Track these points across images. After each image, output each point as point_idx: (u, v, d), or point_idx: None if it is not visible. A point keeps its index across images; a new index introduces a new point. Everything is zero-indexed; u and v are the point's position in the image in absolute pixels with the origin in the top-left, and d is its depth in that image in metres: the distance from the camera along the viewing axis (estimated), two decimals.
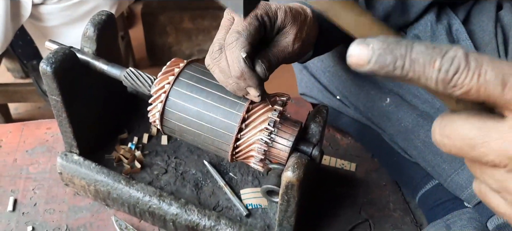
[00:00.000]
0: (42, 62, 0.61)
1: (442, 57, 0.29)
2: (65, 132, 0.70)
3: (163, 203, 0.69)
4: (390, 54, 0.30)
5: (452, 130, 0.32)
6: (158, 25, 1.93)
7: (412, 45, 0.30)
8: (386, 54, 0.30)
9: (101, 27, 0.67)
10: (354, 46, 0.31)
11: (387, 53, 0.30)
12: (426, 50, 0.30)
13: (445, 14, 0.75)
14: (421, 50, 0.30)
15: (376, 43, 0.31)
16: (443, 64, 0.29)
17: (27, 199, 0.76)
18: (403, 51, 0.30)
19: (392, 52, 0.30)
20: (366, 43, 0.31)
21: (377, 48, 0.30)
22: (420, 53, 0.30)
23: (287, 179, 0.57)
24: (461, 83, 0.29)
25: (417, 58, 0.30)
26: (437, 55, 0.29)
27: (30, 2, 1.23)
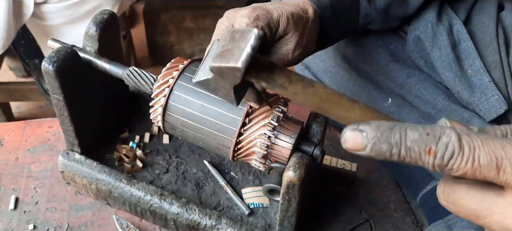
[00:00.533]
0: (44, 61, 0.61)
1: (436, 144, 0.30)
2: (67, 130, 0.70)
3: (164, 202, 0.69)
4: (385, 142, 0.31)
5: (455, 199, 0.33)
6: (160, 24, 1.94)
7: (406, 132, 0.31)
8: (381, 143, 0.31)
9: (103, 26, 0.67)
10: (348, 132, 0.32)
11: (382, 142, 0.31)
12: (420, 137, 0.31)
13: (446, 15, 0.74)
14: (415, 137, 0.31)
15: (369, 131, 0.31)
16: (438, 151, 0.30)
17: (29, 198, 0.76)
18: (398, 139, 0.31)
19: (387, 140, 0.31)
20: (359, 130, 0.31)
21: (371, 137, 0.31)
22: (414, 141, 0.31)
23: (289, 178, 0.57)
24: (456, 168, 0.31)
25: (412, 146, 0.31)
26: (431, 142, 0.30)
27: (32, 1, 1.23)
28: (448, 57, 0.70)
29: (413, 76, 0.75)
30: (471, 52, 0.70)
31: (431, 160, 0.31)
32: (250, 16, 0.54)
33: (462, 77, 0.69)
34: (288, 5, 0.59)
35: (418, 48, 0.76)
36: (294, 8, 0.58)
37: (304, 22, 0.58)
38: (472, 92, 0.68)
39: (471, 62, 0.69)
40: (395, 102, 0.76)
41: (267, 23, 0.54)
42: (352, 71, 0.81)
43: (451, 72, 0.70)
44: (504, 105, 0.64)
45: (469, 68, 0.69)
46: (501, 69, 0.68)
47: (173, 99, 0.60)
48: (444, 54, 0.71)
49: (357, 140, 0.31)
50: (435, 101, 0.71)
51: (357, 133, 0.31)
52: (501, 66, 0.68)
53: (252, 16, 0.54)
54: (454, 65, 0.70)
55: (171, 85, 0.60)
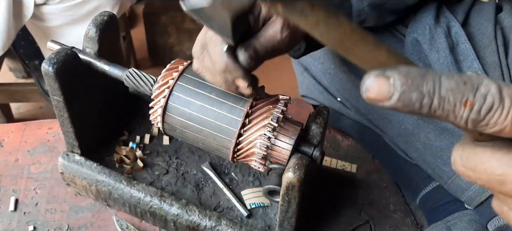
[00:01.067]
0: (44, 63, 0.61)
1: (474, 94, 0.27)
2: (67, 132, 0.70)
3: (164, 204, 0.69)
4: (416, 90, 0.27)
5: (477, 163, 0.30)
6: (160, 25, 1.94)
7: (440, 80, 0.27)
8: (411, 91, 0.27)
9: (103, 28, 0.67)
10: (372, 79, 0.27)
11: (412, 90, 0.27)
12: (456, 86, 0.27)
13: (444, 17, 0.74)
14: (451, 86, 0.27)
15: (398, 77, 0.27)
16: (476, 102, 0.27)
17: (29, 199, 0.76)
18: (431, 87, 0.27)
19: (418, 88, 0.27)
20: (385, 76, 0.27)
21: (399, 84, 0.27)
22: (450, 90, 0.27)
23: (288, 180, 0.57)
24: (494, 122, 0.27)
25: (447, 96, 0.27)
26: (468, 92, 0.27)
27: (32, 2, 1.23)
28: (446, 59, 0.70)
29: None
30: (469, 54, 0.70)
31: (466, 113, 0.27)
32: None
33: None
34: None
35: (416, 51, 0.76)
36: None
37: None
38: None
39: (469, 64, 0.69)
40: None
41: None
42: (351, 73, 0.81)
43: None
44: None
45: (467, 71, 0.69)
46: (500, 71, 0.68)
47: (173, 101, 0.60)
48: (442, 56, 0.71)
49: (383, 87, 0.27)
50: None
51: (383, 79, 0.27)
52: (500, 67, 0.68)
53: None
54: (452, 68, 0.70)
55: (170, 87, 0.60)
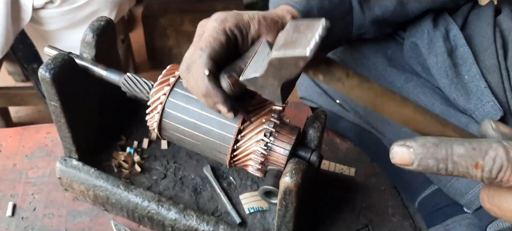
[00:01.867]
0: (41, 68, 0.61)
1: (483, 158, 0.31)
2: (64, 137, 0.70)
3: (162, 208, 0.69)
4: (432, 158, 0.32)
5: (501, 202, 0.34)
6: (159, 28, 1.94)
7: (452, 147, 0.32)
8: (427, 159, 0.32)
9: (100, 33, 0.67)
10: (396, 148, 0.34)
11: (428, 158, 0.32)
12: (466, 152, 0.32)
13: (443, 20, 0.74)
14: (462, 153, 0.32)
15: (416, 146, 0.33)
16: (486, 165, 0.31)
17: (27, 204, 0.76)
18: (444, 154, 0.32)
19: (433, 156, 0.32)
20: (406, 146, 0.33)
21: (418, 153, 0.32)
22: (461, 156, 0.32)
23: (285, 184, 0.56)
24: (506, 180, 0.31)
25: (459, 162, 0.32)
26: (478, 156, 0.31)
27: (31, 6, 1.23)
28: (444, 63, 0.70)
29: (411, 81, 0.75)
30: (468, 58, 0.70)
31: (479, 173, 0.32)
32: (218, 18, 0.53)
33: (458, 83, 0.69)
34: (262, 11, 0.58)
35: (415, 54, 0.76)
36: (268, 13, 0.58)
37: (279, 26, 0.57)
38: (468, 99, 0.68)
39: (468, 68, 0.69)
40: None
41: (235, 24, 0.54)
42: None
43: (447, 79, 0.70)
44: (499, 112, 0.64)
45: (466, 74, 0.69)
46: (499, 74, 0.68)
47: (169, 106, 0.60)
48: (441, 60, 0.71)
49: (405, 155, 0.33)
50: (433, 106, 0.71)
51: (404, 149, 0.33)
52: (499, 70, 0.68)
53: (220, 18, 0.53)
54: (451, 72, 0.70)
55: (167, 92, 0.60)
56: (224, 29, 0.53)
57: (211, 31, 0.53)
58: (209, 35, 0.52)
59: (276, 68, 0.44)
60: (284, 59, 0.42)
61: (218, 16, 0.54)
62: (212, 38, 0.52)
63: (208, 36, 0.52)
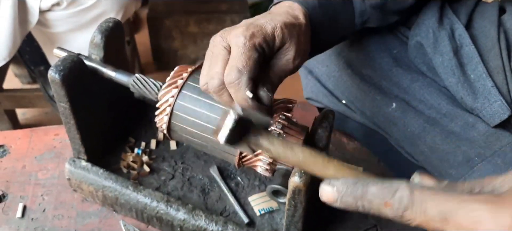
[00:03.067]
0: (50, 70, 0.61)
1: (391, 197, 0.35)
2: (73, 138, 0.71)
3: (171, 209, 0.69)
4: (350, 196, 0.36)
5: None
6: (164, 29, 1.94)
7: (367, 187, 0.36)
8: (347, 197, 0.36)
9: (109, 34, 0.67)
10: (323, 186, 0.38)
11: (347, 196, 0.36)
12: (378, 191, 0.35)
13: (447, 19, 0.74)
14: (374, 191, 0.36)
15: (338, 185, 0.37)
16: (393, 204, 0.34)
17: (36, 205, 0.76)
18: (359, 193, 0.36)
19: (352, 194, 0.36)
20: (330, 185, 0.38)
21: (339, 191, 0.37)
22: (374, 195, 0.35)
23: (294, 184, 0.57)
24: (412, 219, 0.34)
25: (372, 200, 0.36)
26: (387, 196, 0.35)
27: (38, 9, 1.24)
28: (450, 62, 0.70)
29: (417, 81, 0.75)
30: (473, 57, 0.69)
31: (389, 212, 0.35)
32: (245, 34, 0.53)
33: (465, 82, 0.69)
34: (279, 15, 0.58)
35: (420, 54, 0.76)
36: (286, 17, 0.58)
37: (297, 29, 0.58)
38: (475, 98, 0.68)
39: (474, 67, 0.69)
40: (399, 107, 0.76)
41: (263, 39, 0.54)
42: (355, 76, 0.81)
43: (454, 77, 0.70)
44: (507, 111, 0.64)
45: (472, 73, 0.69)
46: (503, 74, 0.68)
47: (178, 108, 0.61)
48: (446, 59, 0.70)
49: (329, 193, 0.37)
50: (439, 106, 0.71)
51: (329, 188, 0.37)
52: (503, 71, 0.68)
53: (248, 34, 0.53)
54: (457, 71, 0.70)
55: (175, 94, 0.61)
56: (254, 45, 0.53)
57: (243, 49, 0.52)
58: (242, 53, 0.52)
59: None
60: None
61: (244, 32, 0.53)
62: (247, 57, 0.52)
63: (242, 55, 0.52)
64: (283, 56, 0.56)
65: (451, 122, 0.71)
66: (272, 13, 0.59)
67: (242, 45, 0.52)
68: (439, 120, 0.71)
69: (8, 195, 0.78)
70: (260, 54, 0.54)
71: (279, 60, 0.56)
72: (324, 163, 0.45)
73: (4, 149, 0.85)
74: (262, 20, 0.56)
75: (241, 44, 0.52)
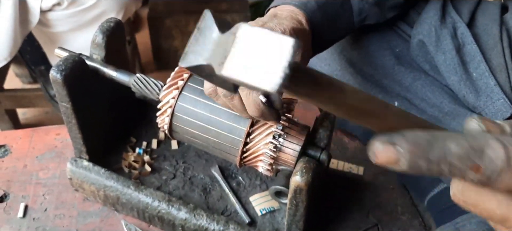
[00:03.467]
0: (52, 70, 0.61)
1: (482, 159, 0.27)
2: (75, 137, 0.71)
3: (172, 208, 0.69)
4: (423, 158, 0.27)
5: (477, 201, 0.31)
6: (164, 29, 1.94)
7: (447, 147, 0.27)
8: (419, 159, 0.27)
9: (110, 34, 0.67)
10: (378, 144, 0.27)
11: (419, 158, 0.27)
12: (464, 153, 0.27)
13: (450, 17, 0.74)
14: (458, 153, 0.27)
15: (405, 145, 0.27)
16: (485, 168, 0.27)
17: (38, 205, 0.76)
18: (437, 155, 0.27)
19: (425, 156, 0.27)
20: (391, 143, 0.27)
21: (406, 152, 0.27)
22: (457, 157, 0.27)
23: (296, 183, 0.57)
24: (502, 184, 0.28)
25: (455, 163, 0.27)
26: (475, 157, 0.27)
27: (38, 9, 1.24)
28: (452, 61, 0.70)
29: (419, 79, 0.75)
30: (476, 55, 0.69)
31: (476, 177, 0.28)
32: None
33: (468, 81, 0.69)
34: (285, 20, 0.57)
35: (423, 52, 0.76)
36: (292, 22, 0.57)
37: (302, 35, 0.58)
38: (477, 96, 0.67)
39: (476, 66, 0.69)
40: (402, 105, 0.76)
41: None
42: (357, 75, 0.81)
43: (456, 76, 0.70)
44: (510, 109, 0.64)
45: (474, 72, 0.69)
46: (506, 72, 0.68)
47: (180, 107, 0.61)
48: (449, 58, 0.70)
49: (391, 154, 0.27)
50: (441, 105, 0.71)
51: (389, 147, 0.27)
52: (506, 69, 0.68)
53: None
54: (459, 69, 0.70)
55: (176, 96, 0.61)
56: None
57: None
58: None
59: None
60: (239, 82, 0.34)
61: None
62: None
63: None
64: None
65: (453, 121, 0.71)
66: (278, 17, 0.58)
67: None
68: (441, 118, 0.71)
69: (9, 195, 0.78)
70: None
71: None
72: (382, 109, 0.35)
73: (6, 148, 0.85)
74: (271, 24, 0.55)
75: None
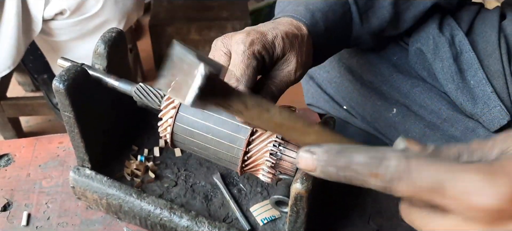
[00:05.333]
0: (55, 80, 0.62)
1: (379, 167, 0.31)
2: (77, 146, 0.71)
3: (174, 216, 0.70)
4: (332, 165, 0.32)
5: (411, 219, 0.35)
6: (166, 36, 1.96)
7: (352, 156, 0.32)
8: (328, 166, 0.33)
9: (112, 44, 0.68)
10: (301, 153, 0.33)
11: (329, 165, 0.33)
12: (363, 160, 0.32)
13: (448, 25, 0.75)
14: (359, 161, 0.32)
15: (319, 153, 0.33)
16: (381, 175, 0.31)
17: (41, 213, 0.77)
18: (343, 162, 0.32)
19: (334, 163, 0.32)
20: (310, 152, 0.33)
21: (320, 159, 0.33)
22: (359, 165, 0.32)
23: (296, 190, 0.57)
24: (399, 191, 0.31)
25: (357, 170, 0.32)
26: (374, 166, 0.31)
27: (41, 18, 1.26)
28: (450, 68, 0.71)
29: (417, 86, 0.76)
30: (473, 63, 0.70)
31: (376, 182, 0.32)
32: (245, 41, 0.53)
33: (465, 88, 0.70)
34: (281, 24, 0.58)
35: (421, 60, 0.76)
36: (288, 26, 0.57)
37: (299, 40, 0.57)
38: (474, 103, 0.68)
39: (473, 73, 0.70)
40: (400, 112, 0.76)
41: (262, 46, 0.53)
42: (356, 82, 0.82)
43: (453, 83, 0.70)
44: (506, 116, 0.65)
45: (472, 79, 0.70)
46: (503, 79, 0.69)
47: (182, 114, 0.61)
48: (446, 65, 0.71)
49: (308, 161, 0.33)
50: (439, 111, 0.72)
51: (308, 155, 0.33)
52: (503, 75, 0.69)
53: (247, 41, 0.53)
54: (456, 77, 0.70)
55: (177, 106, 0.61)
56: (253, 53, 0.53)
57: (242, 57, 0.52)
58: (241, 61, 0.52)
59: None
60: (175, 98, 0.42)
61: (244, 39, 0.53)
62: (245, 66, 0.52)
63: (240, 63, 0.52)
64: (284, 67, 0.56)
65: (452, 127, 0.71)
66: (275, 22, 0.59)
67: (241, 52, 0.52)
68: (440, 124, 0.72)
69: (13, 204, 0.78)
70: (259, 62, 0.53)
71: (280, 72, 0.56)
72: (305, 127, 0.40)
73: (9, 157, 0.86)
74: (264, 28, 0.56)
75: (240, 52, 0.52)
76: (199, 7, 2.02)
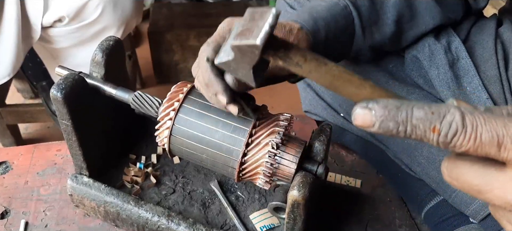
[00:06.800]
0: (52, 89, 0.62)
1: (440, 122, 0.32)
2: (75, 154, 0.72)
3: (172, 223, 0.70)
4: (392, 120, 0.32)
5: (458, 175, 0.34)
6: (165, 43, 1.96)
7: (412, 110, 0.32)
8: (388, 121, 0.33)
9: (109, 52, 0.69)
10: (358, 109, 0.33)
11: (389, 120, 0.33)
12: (425, 115, 0.32)
13: (444, 32, 0.76)
14: (420, 116, 0.32)
15: (378, 109, 0.33)
16: (442, 129, 0.32)
17: (38, 221, 0.77)
18: (404, 117, 0.32)
19: (394, 118, 0.32)
20: (368, 108, 0.33)
21: (379, 115, 0.33)
22: (420, 119, 0.32)
23: (293, 197, 0.57)
24: (460, 145, 0.32)
25: (418, 124, 0.32)
26: (435, 120, 0.32)
27: (40, 25, 1.26)
28: (446, 75, 0.71)
29: (413, 93, 0.76)
30: (469, 70, 0.71)
31: (435, 137, 0.32)
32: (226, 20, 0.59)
33: (460, 95, 0.70)
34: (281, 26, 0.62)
35: (416, 67, 0.77)
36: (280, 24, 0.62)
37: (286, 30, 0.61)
38: None
39: (470, 80, 0.70)
40: None
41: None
42: None
43: (449, 90, 0.71)
44: None
45: (468, 86, 0.70)
46: (500, 84, 0.69)
47: (179, 123, 0.62)
48: (442, 72, 0.72)
49: (366, 117, 0.33)
50: None
51: (366, 111, 0.33)
52: (500, 81, 0.69)
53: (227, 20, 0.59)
54: (452, 84, 0.71)
55: (176, 109, 0.62)
56: (230, 27, 0.57)
57: (219, 30, 0.58)
58: (217, 33, 0.57)
59: (239, 54, 0.46)
60: (241, 47, 0.44)
61: (227, 19, 0.59)
62: (218, 35, 0.57)
63: (216, 34, 0.57)
64: None
65: None
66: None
67: (220, 27, 0.58)
68: None
69: (10, 211, 0.79)
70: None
71: None
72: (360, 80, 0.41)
73: (7, 165, 0.86)
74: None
75: (219, 27, 0.58)
76: (198, 14, 2.03)
